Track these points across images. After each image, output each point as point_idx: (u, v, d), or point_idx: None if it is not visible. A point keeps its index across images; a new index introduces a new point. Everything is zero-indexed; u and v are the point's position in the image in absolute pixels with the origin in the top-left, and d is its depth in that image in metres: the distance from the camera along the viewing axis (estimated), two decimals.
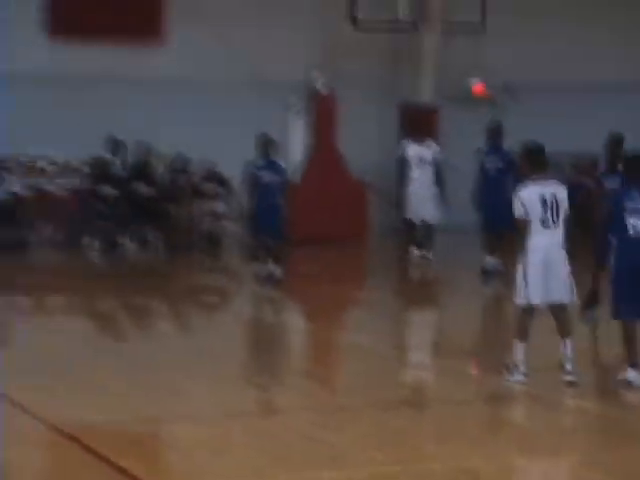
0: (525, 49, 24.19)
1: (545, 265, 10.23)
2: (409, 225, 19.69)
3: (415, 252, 19.36)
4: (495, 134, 18.14)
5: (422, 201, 19.22)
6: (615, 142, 14.44)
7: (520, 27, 24.07)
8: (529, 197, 10.24)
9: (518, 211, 10.27)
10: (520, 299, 10.34)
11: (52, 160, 21.66)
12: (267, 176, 16.76)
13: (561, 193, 10.32)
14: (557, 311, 10.40)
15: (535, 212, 10.19)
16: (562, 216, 10.25)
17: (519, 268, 10.33)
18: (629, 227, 10.03)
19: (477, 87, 24.52)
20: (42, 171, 21.57)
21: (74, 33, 21.68)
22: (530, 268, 10.23)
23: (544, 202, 10.21)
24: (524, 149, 10.81)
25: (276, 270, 16.51)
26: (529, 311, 10.34)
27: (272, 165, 16.97)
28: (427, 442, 8.83)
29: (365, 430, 8.79)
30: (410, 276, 19.10)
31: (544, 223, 10.21)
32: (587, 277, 12.15)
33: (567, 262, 10.33)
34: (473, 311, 13.11)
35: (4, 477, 7.35)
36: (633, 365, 10.04)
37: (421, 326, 15.05)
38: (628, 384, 9.98)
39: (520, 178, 10.74)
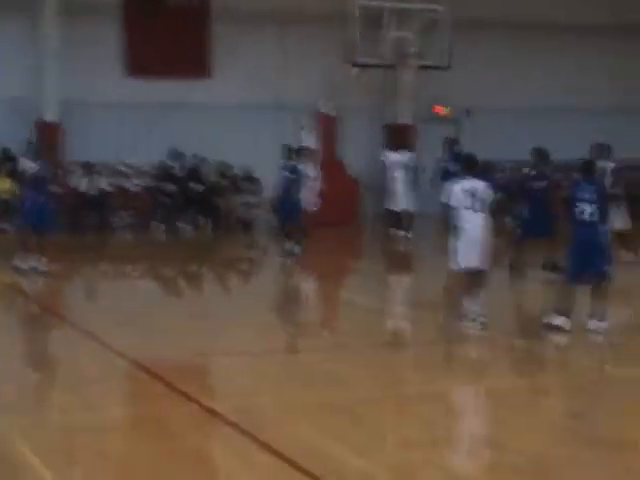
0: (480, 81, 24.17)
1: (470, 240, 10.11)
2: (392, 213, 19.97)
3: (397, 233, 19.52)
4: (451, 144, 18.63)
5: (401, 194, 19.49)
6: (541, 154, 14.56)
7: (476, 64, 24.08)
8: (457, 190, 10.20)
9: (450, 200, 10.25)
10: (453, 265, 10.33)
11: (130, 165, 21.73)
12: (287, 174, 16.81)
13: (481, 188, 10.17)
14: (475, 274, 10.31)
15: (461, 200, 10.13)
16: (482, 204, 10.11)
17: (453, 242, 10.27)
18: (579, 212, 9.91)
19: (437, 109, 24.54)
20: (122, 173, 21.63)
21: (147, 71, 21.74)
22: (460, 242, 10.17)
23: (468, 193, 10.13)
24: (465, 157, 10.88)
25: (295, 247, 16.54)
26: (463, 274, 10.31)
27: (292, 167, 17.02)
28: (404, 372, 8.84)
29: (357, 363, 8.80)
30: (393, 251, 19.08)
31: (468, 209, 10.12)
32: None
33: (486, 237, 10.15)
34: (441, 276, 13.07)
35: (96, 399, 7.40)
36: (561, 313, 9.95)
37: (401, 287, 15.07)
38: (555, 327, 9.90)
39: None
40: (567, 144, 24.01)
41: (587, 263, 9.85)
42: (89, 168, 20.67)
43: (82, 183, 20.69)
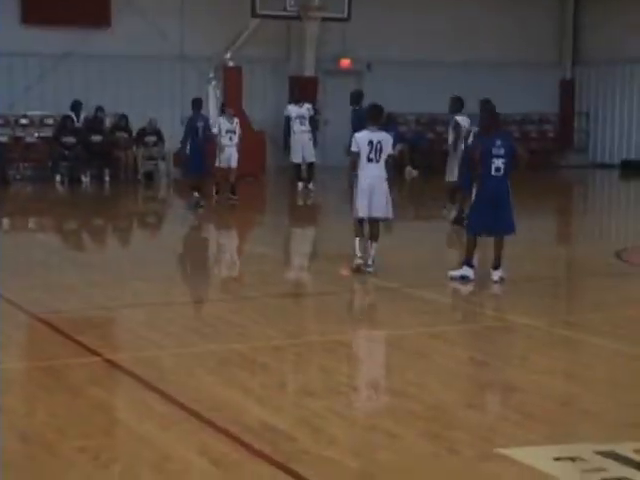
0: (380, 33, 24.22)
1: (370, 189, 10.28)
2: (294, 165, 20.00)
3: (300, 185, 19.59)
4: (356, 97, 18.66)
5: (303, 146, 19.46)
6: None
7: (377, 17, 24.11)
8: (362, 139, 10.28)
9: (353, 148, 10.33)
10: (354, 213, 10.54)
11: (28, 117, 21.25)
12: (199, 125, 16.54)
13: (385, 139, 10.30)
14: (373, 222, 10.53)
15: (364, 150, 10.23)
16: (383, 155, 10.24)
17: (355, 191, 10.47)
18: (491, 167, 9.93)
19: (344, 62, 24.58)
20: (20, 125, 21.16)
21: (44, 19, 21.18)
22: (359, 191, 10.35)
23: (371, 144, 10.22)
24: (368, 107, 10.90)
25: (200, 200, 16.41)
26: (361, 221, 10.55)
27: (202, 117, 16.88)
28: (309, 322, 8.88)
29: (262, 314, 8.81)
30: (296, 203, 19.10)
31: (369, 159, 10.24)
32: None
33: (386, 188, 10.34)
34: (342, 227, 13.13)
35: None
36: (469, 264, 10.14)
37: (304, 239, 15.09)
38: (460, 278, 10.09)
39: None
40: (470, 97, 24.28)
41: (496, 217, 10.00)
42: None
43: None
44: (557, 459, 5.00)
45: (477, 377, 6.69)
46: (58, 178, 20.50)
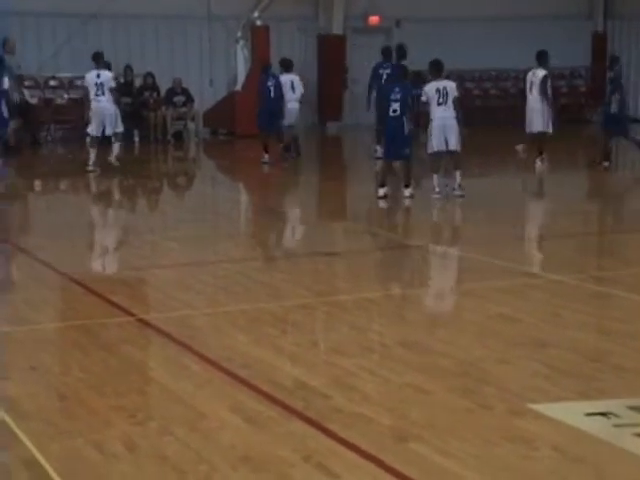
0: None
1: (442, 127, 12.50)
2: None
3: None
4: (387, 52, 18.32)
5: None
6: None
7: None
8: (430, 89, 12.59)
9: (423, 99, 12.67)
10: (430, 149, 12.75)
11: (59, 78, 21.29)
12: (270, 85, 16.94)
13: (449, 85, 12.60)
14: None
15: (433, 97, 12.50)
16: (450, 98, 12.46)
17: (429, 131, 12.64)
18: (391, 110, 12.17)
19: (373, 19, 24.38)
20: (52, 87, 21.20)
21: None
22: (434, 130, 12.51)
23: (438, 91, 12.50)
24: (431, 62, 12.89)
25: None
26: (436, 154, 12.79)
27: (277, 78, 17.15)
28: (338, 281, 8.88)
29: (292, 273, 8.85)
30: (324, 158, 19.05)
31: (439, 103, 12.46)
32: None
33: (456, 125, 12.51)
34: (372, 187, 13.12)
35: (28, 312, 7.34)
36: (381, 185, 12.41)
37: (336, 199, 15.01)
38: (380, 196, 12.32)
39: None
40: (498, 53, 24.13)
41: (395, 147, 12.32)
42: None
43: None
44: (589, 414, 5.00)
45: (508, 333, 6.68)
46: (88, 140, 20.53)
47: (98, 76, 15.68)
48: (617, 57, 18.08)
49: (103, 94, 15.40)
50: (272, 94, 16.81)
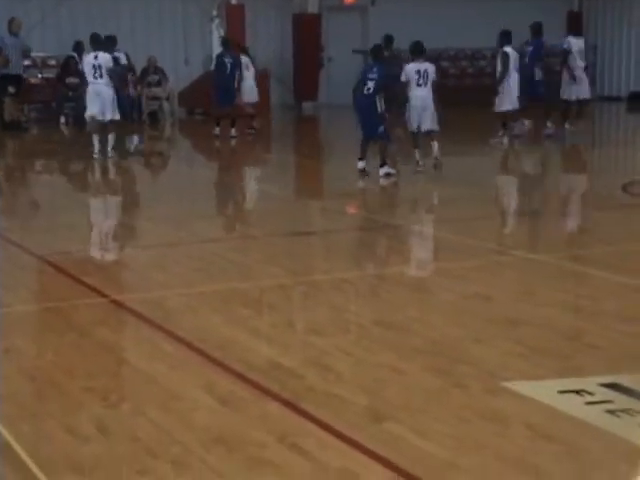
0: None
1: (421, 107, 12.88)
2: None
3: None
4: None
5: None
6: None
7: None
8: (410, 70, 12.95)
9: (402, 78, 12.96)
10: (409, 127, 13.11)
11: (32, 58, 21.11)
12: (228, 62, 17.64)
13: (430, 68, 12.97)
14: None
15: (413, 78, 12.84)
16: (429, 81, 12.88)
17: (407, 109, 13.01)
18: (365, 88, 12.39)
19: None
20: (25, 66, 20.98)
21: None
22: (412, 109, 12.89)
23: (418, 72, 12.87)
24: (412, 44, 13.10)
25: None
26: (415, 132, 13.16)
27: (234, 57, 17.80)
28: (312, 261, 8.85)
29: (267, 253, 8.81)
30: (303, 140, 19.00)
31: (418, 84, 12.83)
32: None
33: (432, 106, 12.90)
34: (348, 166, 13.11)
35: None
36: (361, 159, 12.68)
37: (312, 178, 15.01)
38: (360, 170, 12.64)
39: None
40: (470, 31, 24.08)
41: (368, 125, 12.53)
42: None
43: None
44: (562, 392, 5.01)
45: (482, 312, 6.68)
46: (62, 119, 20.40)
47: (96, 57, 15.09)
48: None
49: (101, 77, 15.02)
50: (228, 71, 17.33)
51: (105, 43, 15.58)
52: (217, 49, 20.77)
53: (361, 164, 12.70)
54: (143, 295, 7.21)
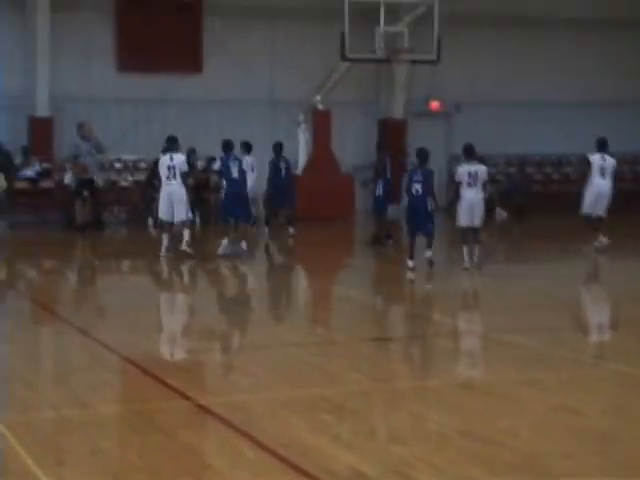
0: (470, 75, 24.25)
1: (471, 206, 13.64)
2: None
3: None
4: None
5: None
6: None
7: (467, 59, 24.14)
8: (462, 171, 13.76)
9: (456, 179, 13.83)
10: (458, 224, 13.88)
11: (123, 160, 21.74)
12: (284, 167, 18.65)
13: (480, 169, 13.77)
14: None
15: (465, 179, 13.66)
16: (480, 181, 13.66)
17: (458, 208, 13.78)
18: (413, 190, 13.51)
19: (434, 105, 24.56)
20: (117, 170, 21.64)
21: (138, 66, 21.77)
22: (463, 208, 13.67)
23: (469, 174, 13.66)
24: (465, 146, 14.05)
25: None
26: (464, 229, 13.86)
27: (288, 161, 18.85)
28: (395, 367, 8.80)
29: (350, 358, 8.80)
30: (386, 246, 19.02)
31: (469, 184, 13.64)
32: None
33: (484, 206, 13.85)
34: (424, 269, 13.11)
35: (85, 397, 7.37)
36: (410, 258, 13.54)
37: (394, 282, 14.96)
38: (409, 268, 13.39)
39: None
40: (556, 138, 24.11)
41: (419, 223, 13.66)
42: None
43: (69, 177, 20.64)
44: None
45: (571, 425, 6.54)
46: (150, 221, 20.82)
47: (171, 159, 15.50)
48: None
49: (175, 177, 15.36)
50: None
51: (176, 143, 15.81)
52: (303, 153, 21.16)
53: (411, 263, 13.56)
54: (226, 398, 7.25)
